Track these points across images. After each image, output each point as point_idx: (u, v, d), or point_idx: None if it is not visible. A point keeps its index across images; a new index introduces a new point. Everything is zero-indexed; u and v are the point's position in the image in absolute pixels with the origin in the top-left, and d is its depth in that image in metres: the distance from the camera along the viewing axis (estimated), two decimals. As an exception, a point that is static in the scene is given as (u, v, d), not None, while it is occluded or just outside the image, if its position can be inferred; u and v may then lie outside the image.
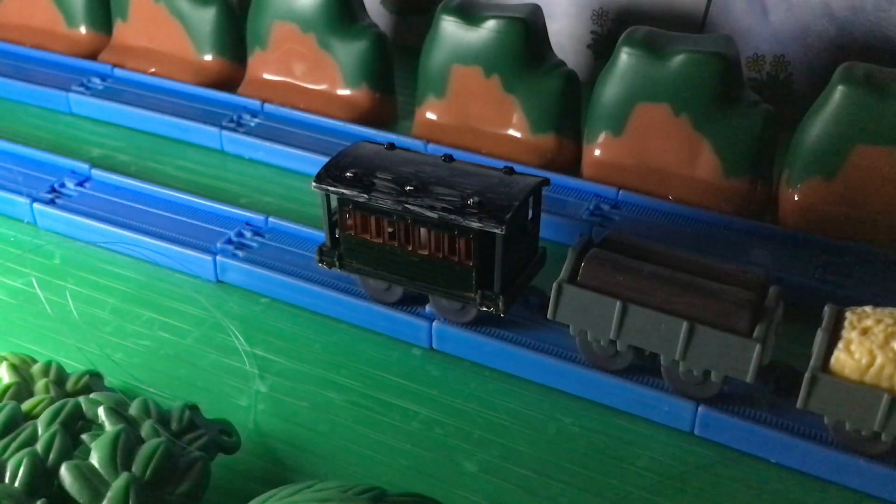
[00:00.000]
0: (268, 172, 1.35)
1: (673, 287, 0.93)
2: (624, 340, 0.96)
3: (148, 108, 1.44)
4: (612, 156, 1.26)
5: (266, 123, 1.41)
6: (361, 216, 1.02)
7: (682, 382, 0.96)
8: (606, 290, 0.95)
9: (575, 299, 0.95)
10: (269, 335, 1.08)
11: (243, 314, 1.11)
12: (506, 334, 1.04)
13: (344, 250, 1.06)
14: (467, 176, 1.01)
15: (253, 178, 1.34)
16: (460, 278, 1.01)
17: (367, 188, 1.00)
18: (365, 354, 1.05)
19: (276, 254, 1.16)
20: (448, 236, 0.99)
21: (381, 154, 1.05)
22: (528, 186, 1.00)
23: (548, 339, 1.03)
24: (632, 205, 1.23)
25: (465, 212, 0.97)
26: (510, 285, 1.01)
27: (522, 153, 1.30)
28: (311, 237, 1.17)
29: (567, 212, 1.22)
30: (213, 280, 1.16)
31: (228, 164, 1.37)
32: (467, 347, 1.04)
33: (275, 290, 1.12)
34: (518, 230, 1.00)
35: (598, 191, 1.25)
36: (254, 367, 1.04)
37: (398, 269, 1.03)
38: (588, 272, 0.96)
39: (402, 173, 1.01)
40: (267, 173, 1.35)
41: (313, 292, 1.10)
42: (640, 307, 0.93)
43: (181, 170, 1.36)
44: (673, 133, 1.22)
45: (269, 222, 1.20)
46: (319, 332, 1.08)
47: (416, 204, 0.98)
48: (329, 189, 1.02)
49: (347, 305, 1.09)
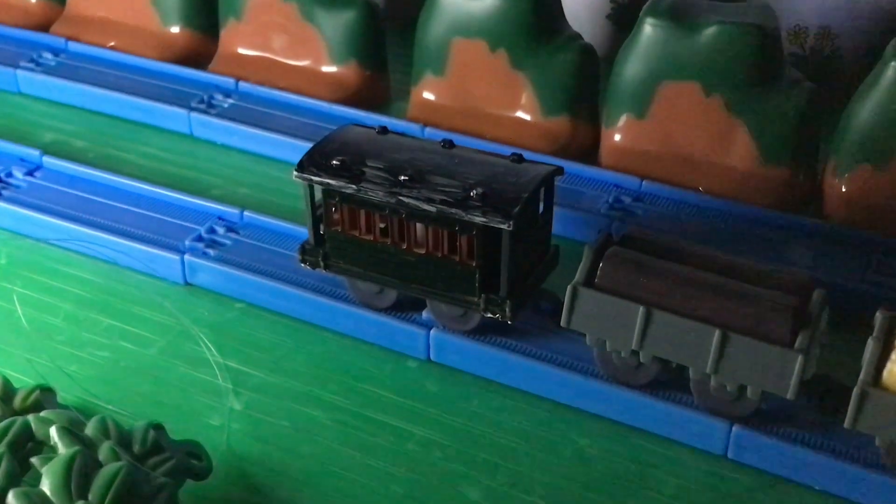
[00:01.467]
0: (243, 160, 1.35)
1: (703, 290, 0.94)
2: (648, 351, 0.96)
3: (107, 87, 1.43)
4: (635, 141, 1.26)
5: (241, 104, 1.41)
6: (349, 210, 1.02)
7: (714, 399, 0.96)
8: (628, 293, 0.95)
9: (592, 304, 0.95)
10: (244, 345, 1.08)
11: (215, 321, 1.11)
12: (513, 344, 1.04)
13: (330, 249, 1.06)
14: (470, 164, 1.01)
15: (226, 166, 1.34)
16: (462, 280, 1.01)
17: (355, 178, 1.00)
18: (353, 367, 1.05)
19: (252, 252, 1.16)
20: (448, 233, 0.99)
21: (371, 139, 1.05)
22: (539, 176, 1.00)
23: (561, 350, 1.03)
24: (657, 197, 1.23)
25: (468, 205, 0.97)
26: (519, 288, 1.01)
27: (532, 138, 1.30)
28: (292, 233, 1.17)
29: (583, 205, 1.22)
30: (180, 282, 1.16)
31: (198, 151, 1.37)
32: (470, 359, 1.04)
33: (251, 293, 1.12)
34: (527, 226, 1.00)
35: (619, 181, 1.25)
36: (227, 381, 1.04)
37: (391, 269, 1.03)
38: (607, 273, 0.96)
39: (395, 161, 1.01)
40: (242, 161, 1.35)
41: (295, 296, 1.10)
42: (666, 313, 0.93)
43: (145, 157, 1.36)
44: (703, 115, 1.22)
45: (244, 217, 1.20)
46: (302, 342, 1.08)
47: (412, 196, 0.98)
48: (312, 179, 1.02)
49: (334, 311, 1.09)
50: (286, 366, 1.06)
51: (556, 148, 1.30)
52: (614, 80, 1.26)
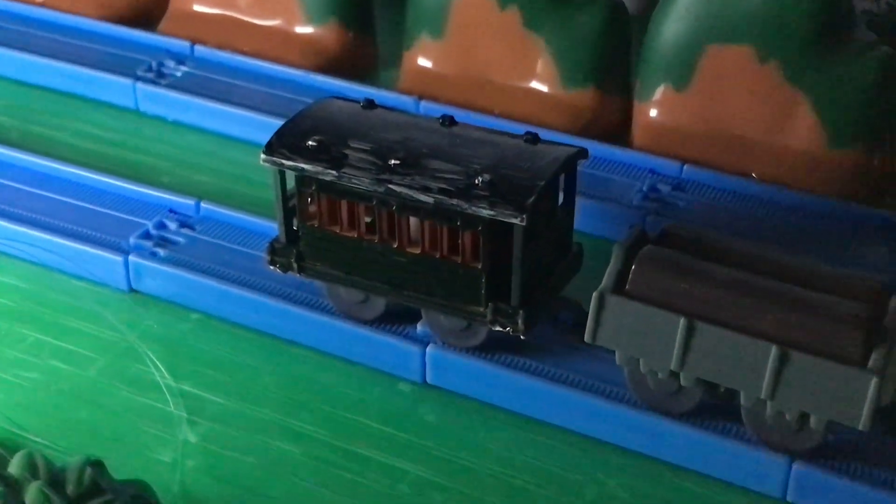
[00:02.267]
0: (200, 140, 1.35)
1: (758, 299, 0.94)
2: (690, 372, 0.96)
3: (35, 52, 1.43)
4: (674, 118, 1.26)
5: (197, 73, 1.41)
6: (328, 201, 1.03)
7: (771, 430, 0.96)
8: (666, 302, 0.95)
9: (623, 315, 0.95)
10: (201, 365, 1.08)
11: (166, 336, 1.11)
12: (527, 364, 1.04)
13: (305, 248, 1.06)
14: (474, 145, 1.01)
15: (179, 148, 1.34)
16: (465, 286, 1.01)
17: (336, 162, 1.01)
18: (333, 391, 1.05)
19: (211, 252, 1.16)
20: (448, 229, 0.99)
21: (355, 115, 1.05)
22: (558, 160, 1.00)
23: (585, 371, 1.03)
24: (700, 185, 1.23)
25: (472, 194, 0.97)
26: (534, 296, 1.01)
27: (550, 114, 1.30)
28: (259, 229, 1.17)
29: (612, 194, 1.22)
30: (124, 289, 1.16)
31: (145, 129, 1.37)
32: (474, 382, 1.04)
33: (209, 302, 1.12)
34: (544, 220, 1.01)
35: (655, 165, 1.25)
36: (180, 408, 1.04)
37: (379, 273, 1.04)
38: (641, 278, 0.96)
39: (384, 142, 1.02)
40: (198, 142, 1.35)
41: (262, 306, 1.10)
42: (712, 326, 0.93)
43: (81, 137, 1.36)
44: (758, 86, 1.22)
45: (201, 209, 1.20)
46: (271, 361, 1.08)
47: (404, 184, 0.99)
48: (284, 163, 1.02)
49: (309, 324, 1.09)
50: (252, 390, 1.06)
51: (579, 126, 1.30)
52: (650, 43, 1.26)
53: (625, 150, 1.27)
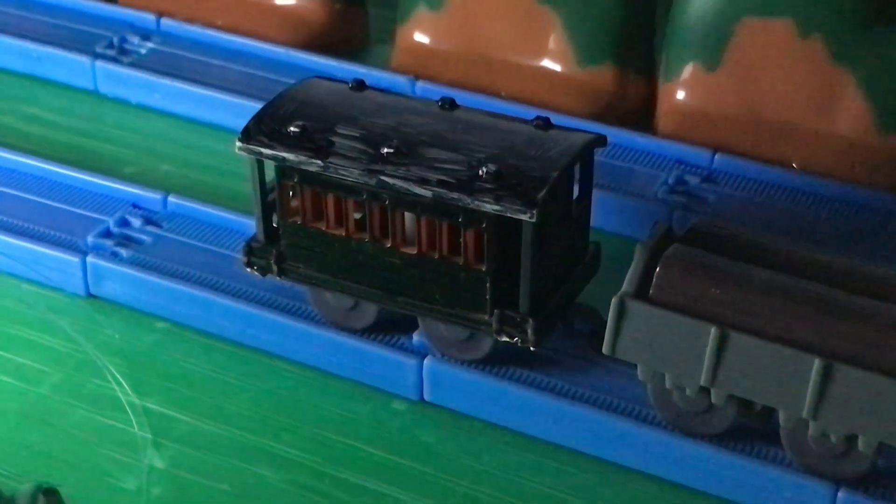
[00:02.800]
0: (167, 126, 1.35)
1: (799, 304, 0.94)
2: (722, 388, 0.96)
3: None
4: (704, 100, 1.26)
5: (164, 50, 1.41)
6: (313, 194, 1.03)
7: (814, 453, 0.96)
8: (695, 308, 0.95)
9: (646, 324, 0.96)
10: (168, 380, 1.08)
11: (129, 348, 1.11)
12: (538, 379, 1.04)
13: (286, 248, 1.06)
14: (478, 131, 1.01)
15: (144, 134, 1.34)
16: (467, 291, 1.01)
17: (321, 151, 1.01)
18: (319, 410, 1.06)
19: (179, 253, 1.16)
20: (448, 226, 1.00)
21: (343, 97, 1.06)
22: (573, 148, 1.00)
23: (603, 387, 1.03)
24: (734, 176, 1.23)
25: (476, 187, 0.97)
26: (545, 302, 1.01)
27: (564, 96, 1.30)
28: (234, 227, 1.17)
29: (634, 187, 1.22)
30: (81, 294, 1.16)
31: (106, 114, 1.37)
32: (478, 399, 1.04)
33: (178, 309, 1.13)
34: (557, 216, 1.01)
35: (683, 154, 1.26)
36: (145, 429, 1.04)
37: (370, 277, 1.04)
38: (667, 281, 0.96)
39: (376, 127, 1.02)
40: (166, 127, 1.35)
41: (238, 313, 1.10)
42: (747, 336, 0.93)
43: (32, 122, 1.36)
44: (799, 65, 1.23)
45: (168, 204, 1.21)
46: (247, 376, 1.09)
47: (399, 175, 0.99)
48: (262, 152, 1.02)
49: (291, 334, 1.09)
50: (226, 408, 1.06)
51: (597, 109, 1.30)
52: (677, 16, 1.27)
53: (648, 136, 1.27)
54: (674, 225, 1.07)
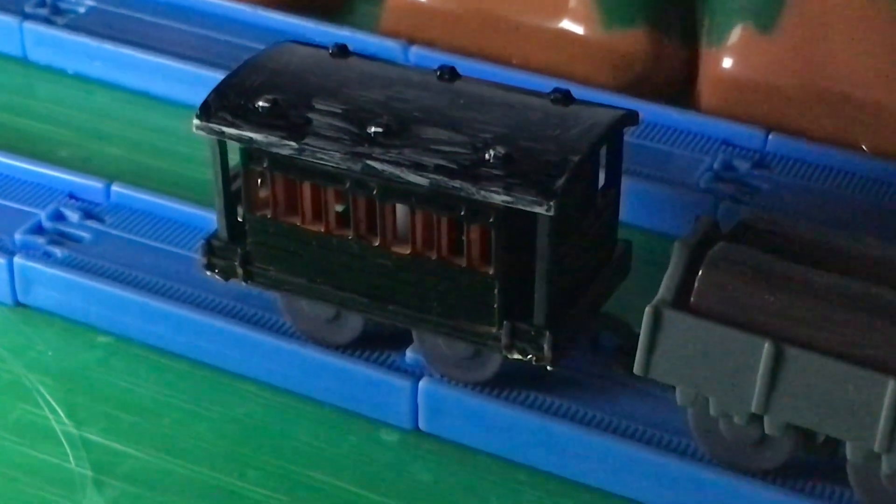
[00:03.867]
0: (110, 101, 1.35)
1: (870, 314, 0.93)
2: (777, 415, 0.95)
3: None
4: (757, 69, 1.26)
5: (107, 8, 1.41)
6: (286, 183, 1.03)
7: (887, 494, 0.96)
8: (745, 319, 0.95)
9: (686, 338, 0.96)
10: (112, 406, 1.08)
11: (64, 366, 1.11)
12: (556, 405, 1.04)
13: (254, 247, 1.06)
14: (485, 107, 1.01)
15: (83, 110, 1.35)
16: (471, 299, 1.01)
17: (296, 130, 1.01)
18: (292, 443, 1.05)
19: (125, 253, 1.16)
20: (448, 221, 1.00)
21: (321, 66, 1.05)
22: (599, 127, 1.00)
23: (634, 414, 1.03)
24: (791, 160, 1.23)
25: (481, 174, 0.97)
26: (564, 312, 1.01)
27: (587, 64, 1.30)
28: (190, 221, 1.18)
29: (671, 174, 1.22)
30: (8, 303, 1.16)
31: (37, 86, 1.38)
32: (484, 429, 1.04)
33: (123, 321, 1.13)
34: (579, 209, 1.00)
35: (730, 134, 1.26)
36: (84, 464, 1.03)
37: (355, 281, 1.04)
38: (711, 287, 0.96)
39: (361, 102, 1.01)
40: (109, 102, 1.35)
41: (195, 326, 1.10)
42: (807, 352, 0.93)
43: (-53, 96, 1.38)
44: (870, 27, 1.23)
45: (112, 193, 1.21)
46: (207, 401, 1.09)
47: (389, 159, 0.98)
48: (225, 132, 1.02)
49: (260, 350, 1.09)
50: (181, 439, 1.05)
51: (627, 80, 1.30)
52: (723, -32, 1.28)
53: (688, 112, 1.27)
54: (719, 219, 1.06)
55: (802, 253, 0.98)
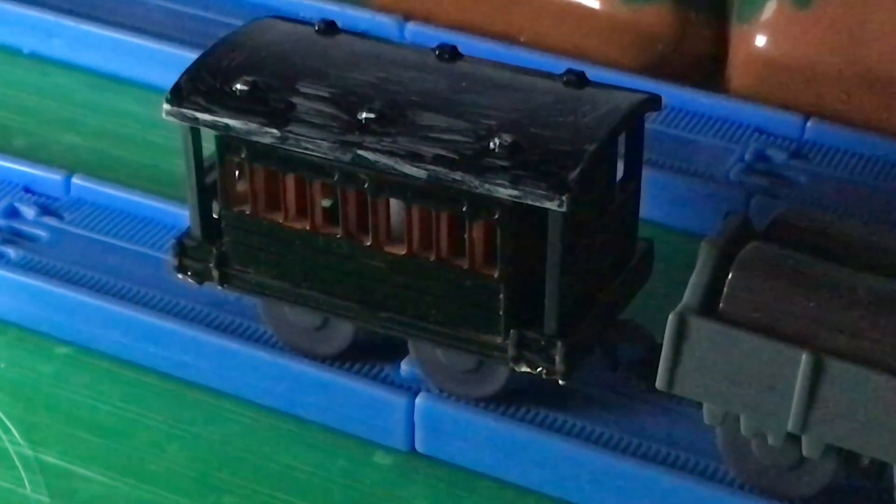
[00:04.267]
0: (71, 83, 1.36)
1: (922, 323, 0.92)
2: (817, 435, 0.95)
3: None
4: (794, 47, 1.27)
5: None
6: (267, 176, 1.03)
7: (941, 524, 0.96)
8: (780, 327, 0.95)
9: (715, 348, 0.95)
10: (72, 425, 1.08)
11: (20, 381, 1.12)
12: (569, 423, 1.05)
13: (231, 247, 1.07)
14: (489, 90, 1.01)
15: (40, 94, 1.35)
16: (474, 305, 1.01)
17: (278, 116, 1.01)
18: (274, 466, 1.06)
19: (86, 253, 1.17)
20: (449, 217, 1.00)
21: (307, 45, 1.06)
22: (617, 113, 1.00)
23: (656, 434, 1.04)
24: (832, 149, 1.24)
25: (486, 165, 0.97)
26: (579, 319, 1.01)
27: (604, 42, 1.31)
28: (160, 218, 1.18)
29: (697, 165, 1.23)
30: (-44, 309, 1.17)
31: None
32: (487, 451, 1.05)
33: (84, 330, 1.13)
34: (595, 204, 1.00)
35: (764, 120, 1.26)
36: (41, 490, 1.03)
37: (344, 286, 1.04)
38: (742, 291, 0.96)
39: (352, 85, 1.02)
40: (69, 85, 1.35)
41: (166, 335, 1.10)
42: (850, 364, 0.93)
43: None
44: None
45: (73, 187, 1.21)
46: (179, 420, 1.09)
47: (383, 149, 0.98)
48: (199, 118, 1.02)
49: (238, 363, 1.09)
50: (149, 462, 1.06)
51: (648, 59, 1.30)
52: (755, -67, 1.28)
53: (717, 96, 1.28)
54: (751, 215, 1.05)
55: (844, 253, 0.98)
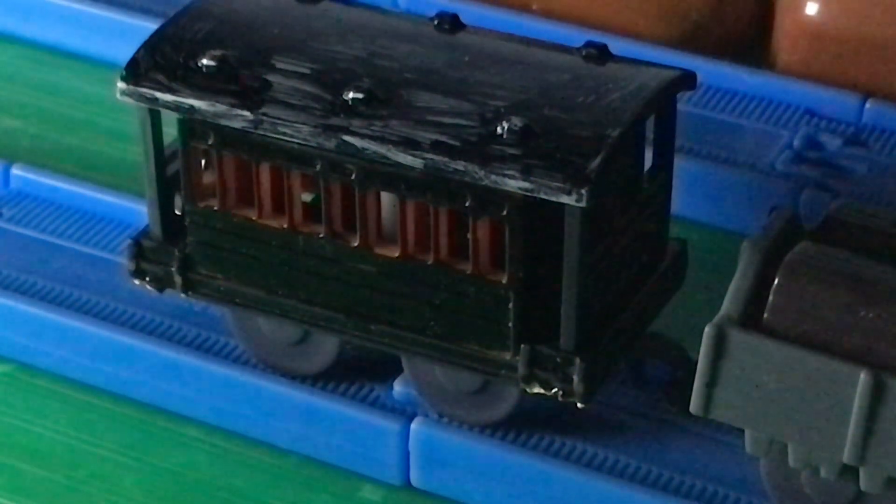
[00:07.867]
0: (10, 58, 1.35)
1: None
2: (877, 467, 0.94)
3: None
4: (848, 17, 1.25)
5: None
6: (238, 165, 1.01)
7: None
8: (834, 341, 0.93)
9: (758, 366, 0.94)
10: (14, 454, 1.08)
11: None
12: (588, 453, 1.04)
13: (196, 248, 1.05)
14: (496, 66, 1.00)
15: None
16: (479, 316, 0.99)
17: (251, 96, 0.99)
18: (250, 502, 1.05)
19: (27, 255, 1.15)
20: (449, 213, 0.98)
21: (284, 14, 1.05)
22: (644, 92, 0.99)
23: (690, 466, 1.03)
24: (895, 135, 1.22)
25: (492, 153, 0.95)
26: (600, 332, 0.99)
27: (632, 11, 1.29)
28: (113, 215, 1.17)
29: (740, 153, 1.21)
30: None
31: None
32: (494, 484, 1.03)
33: (27, 345, 1.12)
34: (620, 199, 0.99)
35: (815, 101, 1.25)
36: None
37: (327, 293, 1.02)
38: (790, 300, 0.95)
39: (336, 61, 1.00)
40: (8, 60, 1.35)
41: (121, 351, 1.08)
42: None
43: None
44: None
45: (12, 178, 1.20)
46: (136, 448, 1.08)
47: (373, 134, 0.96)
48: (159, 99, 1.00)
49: (204, 384, 1.07)
50: (103, 497, 1.04)
51: (681, 32, 1.29)
52: None
53: (761, 73, 1.27)
54: (801, 212, 1.05)
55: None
